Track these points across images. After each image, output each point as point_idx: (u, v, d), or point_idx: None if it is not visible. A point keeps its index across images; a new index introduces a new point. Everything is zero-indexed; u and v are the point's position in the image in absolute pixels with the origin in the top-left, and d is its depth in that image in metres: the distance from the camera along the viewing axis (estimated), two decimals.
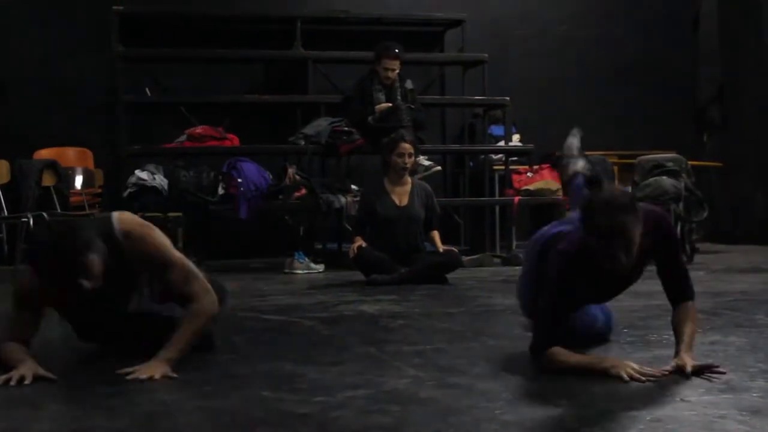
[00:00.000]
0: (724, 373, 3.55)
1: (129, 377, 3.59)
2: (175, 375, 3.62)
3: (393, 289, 6.84)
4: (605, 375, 3.51)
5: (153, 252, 3.80)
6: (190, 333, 3.81)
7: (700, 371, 3.55)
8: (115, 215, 3.83)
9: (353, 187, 9.02)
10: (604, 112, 11.50)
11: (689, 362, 3.57)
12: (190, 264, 3.92)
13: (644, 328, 4.84)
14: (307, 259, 8.52)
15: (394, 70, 9.20)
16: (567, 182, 5.05)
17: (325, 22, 10.62)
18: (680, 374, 3.52)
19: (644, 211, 3.60)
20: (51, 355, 3.97)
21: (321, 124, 9.30)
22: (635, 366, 3.52)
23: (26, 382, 3.56)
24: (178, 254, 3.91)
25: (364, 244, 7.44)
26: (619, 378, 3.46)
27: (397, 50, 9.21)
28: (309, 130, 9.30)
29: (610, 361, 3.60)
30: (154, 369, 3.63)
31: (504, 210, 10.14)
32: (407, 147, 7.61)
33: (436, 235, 7.76)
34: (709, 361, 3.70)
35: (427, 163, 9.30)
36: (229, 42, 10.29)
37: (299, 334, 4.94)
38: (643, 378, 3.46)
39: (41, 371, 3.63)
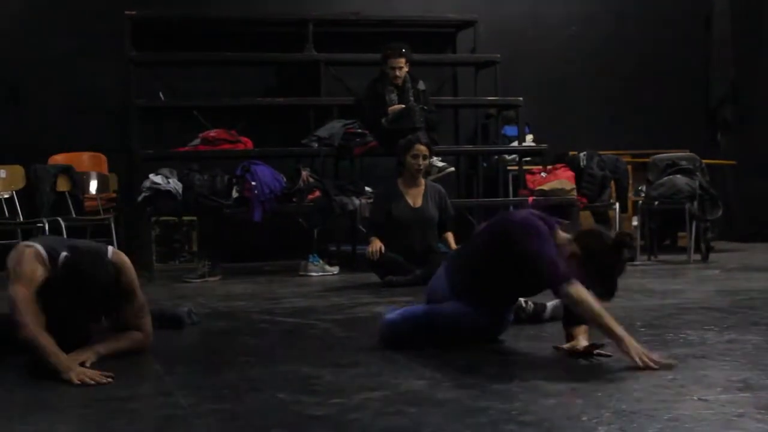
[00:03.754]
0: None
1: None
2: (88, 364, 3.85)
3: (408, 291, 6.83)
4: (615, 344, 3.74)
5: (130, 281, 4.19)
6: (126, 345, 4.18)
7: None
8: (110, 248, 4.26)
9: (367, 188, 9.02)
10: (618, 111, 11.48)
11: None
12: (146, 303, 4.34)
13: (661, 326, 4.82)
14: (321, 261, 8.53)
15: (400, 68, 9.21)
16: None
17: (337, 25, 10.62)
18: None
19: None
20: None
21: (334, 126, 9.31)
22: (648, 355, 3.65)
23: (90, 382, 3.66)
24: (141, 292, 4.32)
25: (382, 246, 7.42)
26: (629, 357, 3.64)
27: (403, 50, 9.22)
28: (322, 132, 9.30)
29: (626, 336, 3.71)
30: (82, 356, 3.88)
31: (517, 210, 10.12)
32: (422, 149, 7.61)
33: (449, 236, 7.75)
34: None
35: (440, 164, 9.30)
36: (242, 45, 10.30)
37: (315, 336, 4.94)
38: (653, 365, 3.61)
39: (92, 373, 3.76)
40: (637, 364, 3.61)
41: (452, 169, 9.62)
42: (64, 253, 3.97)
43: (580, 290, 3.81)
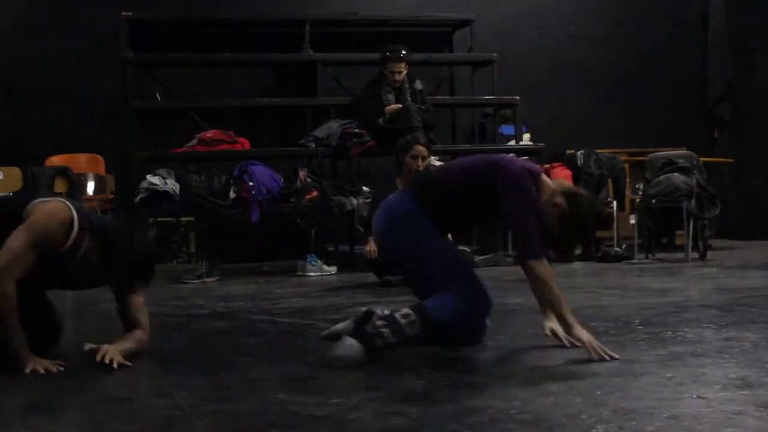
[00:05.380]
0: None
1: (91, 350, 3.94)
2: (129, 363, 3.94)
3: (406, 290, 6.79)
4: (564, 329, 3.99)
5: None
6: (134, 346, 4.13)
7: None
8: None
9: (364, 188, 9.02)
10: (615, 109, 11.49)
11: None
12: None
13: (659, 324, 4.82)
14: (319, 261, 8.52)
15: (400, 72, 9.22)
16: None
17: (334, 25, 10.63)
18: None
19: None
20: (66, 362, 3.98)
21: (331, 127, 9.31)
22: (599, 344, 3.85)
23: (54, 371, 3.80)
24: None
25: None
26: (579, 343, 3.90)
27: (403, 52, 9.23)
28: (319, 132, 9.31)
29: (576, 324, 3.93)
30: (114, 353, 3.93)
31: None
32: (421, 150, 7.61)
33: (448, 236, 7.73)
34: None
35: (438, 163, 9.28)
36: (238, 46, 10.30)
37: (314, 336, 4.93)
38: (603, 355, 3.80)
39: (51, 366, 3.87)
40: (588, 353, 3.82)
41: None
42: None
43: (545, 269, 3.98)
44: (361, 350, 3.92)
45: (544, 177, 4.17)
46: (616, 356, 3.83)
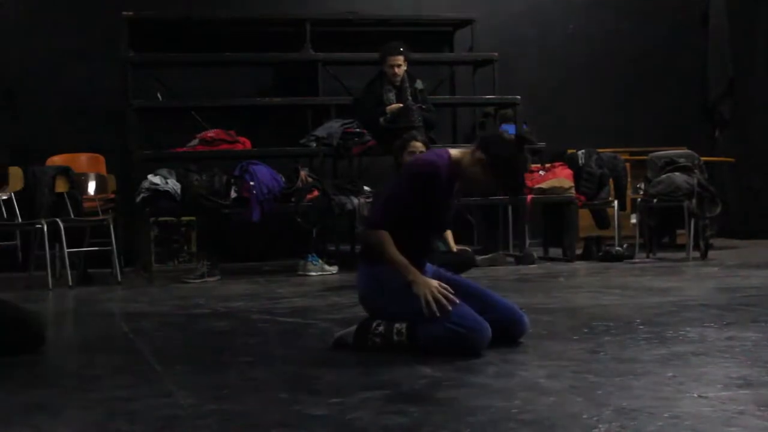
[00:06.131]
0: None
1: None
2: None
3: None
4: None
5: None
6: None
7: None
8: None
9: (365, 188, 9.02)
10: (615, 109, 11.48)
11: None
12: None
13: (661, 324, 4.82)
14: (320, 261, 8.52)
15: (399, 66, 9.21)
16: None
17: (334, 24, 10.61)
18: None
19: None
20: (68, 362, 3.98)
21: (332, 126, 9.30)
22: (435, 292, 4.04)
23: None
24: None
25: None
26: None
27: (402, 48, 9.23)
28: (320, 132, 9.30)
29: (420, 279, 4.11)
30: None
31: (517, 209, 10.11)
32: (419, 146, 7.58)
33: (449, 234, 7.74)
34: None
35: None
36: (239, 45, 10.28)
37: (314, 336, 4.94)
38: (434, 306, 4.01)
39: None
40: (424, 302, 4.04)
41: None
42: None
43: (378, 237, 4.16)
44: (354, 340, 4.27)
45: (455, 152, 4.34)
46: (456, 301, 4.05)
